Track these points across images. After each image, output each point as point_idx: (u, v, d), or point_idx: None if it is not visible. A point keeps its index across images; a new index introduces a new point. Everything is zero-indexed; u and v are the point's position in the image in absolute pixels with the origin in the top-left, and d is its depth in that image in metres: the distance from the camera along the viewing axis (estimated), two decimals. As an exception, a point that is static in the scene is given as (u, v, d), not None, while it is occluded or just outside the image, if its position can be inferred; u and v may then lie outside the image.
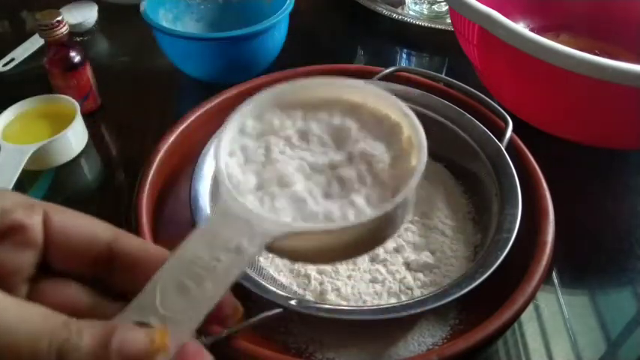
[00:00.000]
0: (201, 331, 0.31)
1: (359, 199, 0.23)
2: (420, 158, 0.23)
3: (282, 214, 0.23)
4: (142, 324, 0.20)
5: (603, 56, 0.42)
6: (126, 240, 0.23)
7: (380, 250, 0.41)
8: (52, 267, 0.22)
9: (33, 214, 0.21)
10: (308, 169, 0.25)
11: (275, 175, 0.24)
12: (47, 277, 0.22)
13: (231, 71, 0.59)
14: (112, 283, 0.23)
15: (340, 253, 0.24)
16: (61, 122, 0.52)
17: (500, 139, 0.44)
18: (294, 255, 0.24)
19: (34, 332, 0.18)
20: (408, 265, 0.41)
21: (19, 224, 0.20)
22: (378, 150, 0.25)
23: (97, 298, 0.23)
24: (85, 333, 0.18)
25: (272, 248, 0.23)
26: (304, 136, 0.26)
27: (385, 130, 0.26)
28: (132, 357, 0.18)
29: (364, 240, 0.24)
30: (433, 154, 0.49)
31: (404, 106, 0.25)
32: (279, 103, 0.26)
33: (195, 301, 0.20)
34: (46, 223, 0.21)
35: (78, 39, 0.71)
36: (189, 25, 0.66)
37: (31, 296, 0.21)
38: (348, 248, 0.24)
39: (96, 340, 0.18)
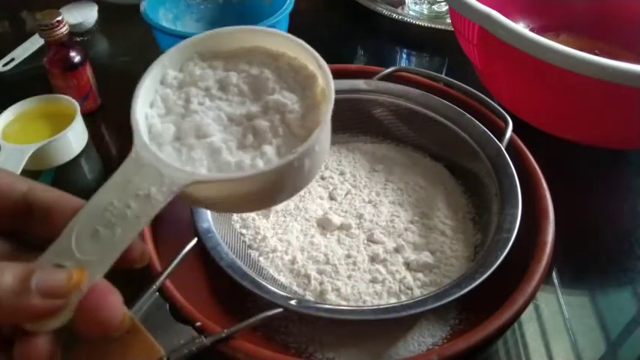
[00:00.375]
0: (200, 332, 0.31)
1: (269, 150, 0.24)
2: (327, 109, 0.24)
3: (199, 164, 0.23)
4: (60, 266, 0.21)
5: (603, 56, 0.42)
6: (40, 190, 0.23)
7: (380, 250, 0.41)
8: None
9: None
10: (225, 120, 0.25)
11: (193, 127, 0.24)
12: None
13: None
14: (32, 234, 0.23)
15: (252, 202, 0.25)
16: (61, 122, 0.52)
17: (500, 139, 0.44)
18: (210, 204, 0.25)
19: None
20: (408, 265, 0.41)
21: None
22: (291, 101, 0.25)
23: (17, 249, 0.23)
24: (7, 271, 0.19)
25: (186, 197, 0.24)
26: (224, 86, 0.26)
27: (300, 81, 0.26)
28: (50, 293, 0.20)
29: (274, 189, 0.24)
30: (433, 154, 0.50)
31: (320, 58, 0.25)
32: (201, 53, 0.27)
33: (106, 246, 0.21)
34: None
35: (78, 39, 0.71)
36: (189, 25, 0.66)
37: None
38: (259, 197, 0.25)
39: (16, 278, 0.19)
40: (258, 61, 0.27)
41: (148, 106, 0.25)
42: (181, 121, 0.25)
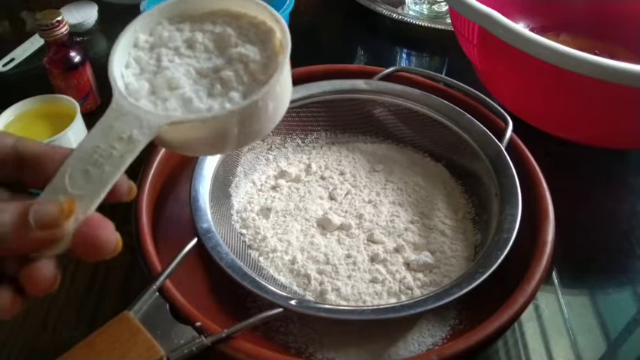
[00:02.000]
0: (200, 331, 0.31)
1: (236, 95, 0.27)
2: (284, 54, 0.27)
3: (173, 112, 0.26)
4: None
5: (603, 56, 0.42)
6: (28, 143, 0.25)
7: (380, 250, 0.41)
8: None
9: None
10: (194, 74, 0.28)
11: (165, 81, 0.27)
12: None
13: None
14: (23, 184, 0.26)
15: (224, 142, 0.28)
16: (61, 122, 0.52)
17: (500, 139, 0.44)
18: (185, 147, 0.28)
19: None
20: (408, 265, 0.41)
21: None
22: (252, 52, 0.28)
23: (13, 195, 0.26)
24: (7, 209, 0.22)
25: (163, 141, 0.26)
26: (190, 45, 0.29)
27: (260, 35, 0.29)
28: (46, 223, 0.22)
29: (243, 128, 0.27)
30: (433, 154, 0.50)
31: (277, 14, 0.28)
32: (169, 17, 0.30)
33: (96, 181, 0.24)
34: None
35: (78, 39, 0.71)
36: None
37: None
38: (229, 137, 0.27)
39: (15, 214, 0.22)
40: (221, 21, 0.29)
41: (123, 67, 0.28)
42: (154, 78, 0.27)
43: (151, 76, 0.28)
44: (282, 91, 0.27)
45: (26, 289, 0.23)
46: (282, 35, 0.28)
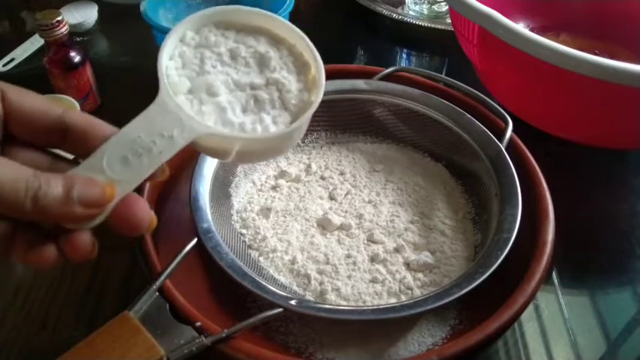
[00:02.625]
0: (200, 331, 0.31)
1: (267, 118, 0.29)
2: (317, 95, 0.30)
3: (207, 117, 0.28)
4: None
5: (603, 56, 0.42)
6: (74, 114, 0.27)
7: (380, 250, 0.41)
8: (14, 137, 0.26)
9: None
10: (232, 85, 0.30)
11: (205, 84, 0.29)
12: (11, 146, 0.26)
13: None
14: (66, 151, 0.27)
15: (251, 156, 0.33)
16: (61, 122, 0.52)
17: (500, 139, 0.44)
18: (212, 153, 0.30)
19: (14, 180, 0.22)
20: (408, 265, 0.41)
21: None
22: (289, 81, 0.30)
23: (53, 161, 0.27)
24: (52, 182, 0.23)
25: (197, 144, 0.28)
26: (233, 56, 0.30)
27: (297, 67, 0.31)
28: (89, 203, 0.24)
29: (268, 149, 0.31)
30: (433, 154, 0.50)
31: (315, 50, 0.31)
32: (216, 22, 0.31)
33: (134, 170, 0.26)
34: (3, 99, 0.25)
35: (78, 39, 0.71)
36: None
37: None
38: (255, 155, 0.32)
39: (61, 188, 0.23)
40: (264, 41, 0.31)
41: (168, 58, 0.29)
42: (195, 78, 0.29)
43: (193, 75, 0.29)
44: (306, 125, 0.30)
45: (67, 254, 0.25)
46: (317, 74, 0.30)
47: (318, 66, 0.30)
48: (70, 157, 0.28)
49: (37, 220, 0.24)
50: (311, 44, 0.31)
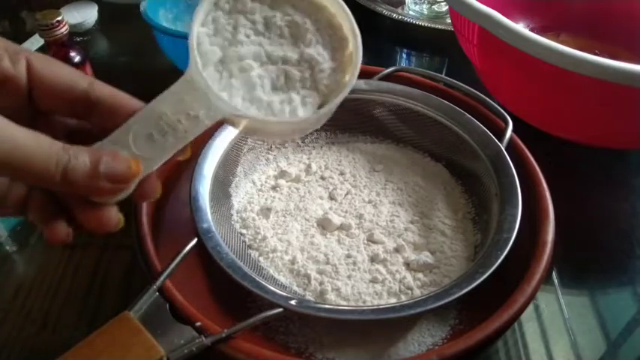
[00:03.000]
0: (200, 331, 0.31)
1: (296, 98, 0.28)
2: (352, 76, 0.28)
3: (235, 91, 0.27)
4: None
5: (603, 56, 0.42)
6: (100, 87, 0.26)
7: (380, 250, 0.41)
8: (39, 107, 0.26)
9: (17, 64, 0.25)
10: (264, 57, 0.28)
11: (236, 56, 0.28)
12: (37, 116, 0.27)
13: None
14: (91, 123, 0.28)
15: (279, 134, 0.34)
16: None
17: (500, 139, 0.44)
18: (240, 128, 0.29)
19: (45, 153, 0.23)
20: (408, 265, 0.41)
21: (6, 75, 0.24)
22: (323, 59, 0.29)
23: (76, 132, 0.28)
24: (80, 156, 0.24)
25: (224, 120, 0.27)
26: (268, 25, 0.29)
27: (334, 42, 0.29)
28: (115, 177, 0.24)
29: (295, 130, 0.31)
30: (433, 154, 0.50)
31: (355, 25, 0.29)
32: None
33: (158, 148, 0.26)
34: (29, 69, 0.25)
35: (78, 39, 0.71)
36: (189, 25, 0.66)
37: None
38: (280, 134, 0.33)
39: (88, 161, 0.24)
40: (302, 9, 0.29)
41: (200, 24, 0.28)
42: (227, 48, 0.28)
43: (225, 44, 0.28)
44: (335, 108, 0.29)
45: (91, 228, 0.26)
46: (355, 51, 0.29)
47: (356, 42, 0.29)
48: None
49: (63, 191, 0.25)
50: (352, 18, 0.29)
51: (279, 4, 0.29)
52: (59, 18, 0.52)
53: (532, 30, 0.60)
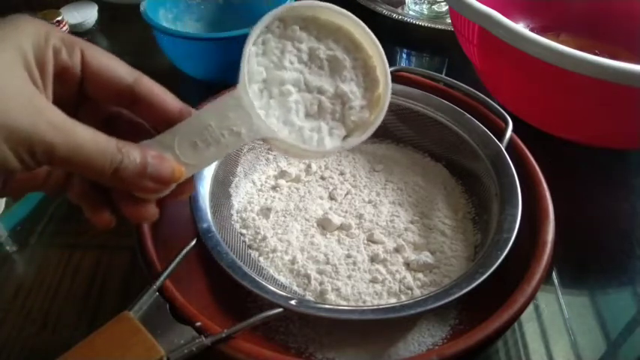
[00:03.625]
0: (200, 331, 0.31)
1: (325, 128, 0.32)
2: (378, 116, 0.32)
3: (271, 111, 0.30)
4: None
5: (603, 56, 0.42)
6: (145, 83, 0.28)
7: (380, 250, 0.41)
8: (87, 96, 0.28)
9: (73, 55, 0.26)
10: (303, 85, 0.31)
11: (279, 79, 0.31)
12: (84, 105, 0.28)
13: (231, 71, 0.59)
14: (133, 113, 0.30)
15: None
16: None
17: (500, 139, 0.44)
18: (275, 147, 0.31)
19: (102, 151, 0.24)
20: (408, 265, 0.41)
21: (63, 66, 0.26)
22: (355, 96, 0.32)
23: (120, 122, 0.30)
24: (132, 156, 0.26)
25: (263, 140, 0.30)
26: (312, 55, 0.32)
27: (367, 81, 0.33)
28: (159, 179, 0.27)
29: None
30: (433, 154, 0.50)
31: (388, 70, 0.32)
32: (303, 16, 0.32)
33: (200, 156, 0.28)
34: (83, 60, 0.27)
35: (78, 39, 0.71)
36: (189, 25, 0.66)
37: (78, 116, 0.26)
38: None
39: (138, 163, 0.26)
40: (343, 45, 0.32)
41: (252, 44, 0.30)
42: (272, 70, 0.31)
43: (270, 66, 0.31)
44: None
45: (130, 218, 0.28)
46: (384, 94, 0.32)
47: (387, 86, 0.32)
48: None
49: (111, 185, 0.27)
50: (386, 62, 0.32)
51: (324, 36, 0.32)
52: (59, 18, 0.53)
53: (532, 30, 0.60)
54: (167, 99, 0.29)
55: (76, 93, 0.27)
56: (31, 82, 0.24)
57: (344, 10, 0.31)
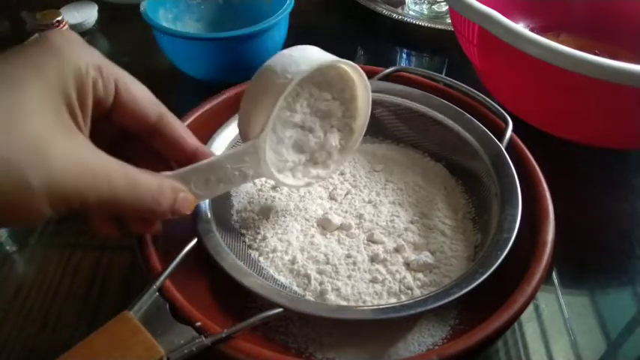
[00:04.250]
0: (200, 331, 0.31)
1: (313, 172, 0.42)
2: (343, 161, 0.43)
3: (268, 137, 0.35)
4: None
5: (603, 56, 0.42)
6: (168, 123, 0.31)
7: (380, 250, 0.41)
8: (111, 122, 0.29)
9: (108, 88, 0.27)
10: (299, 122, 0.38)
11: (287, 120, 0.37)
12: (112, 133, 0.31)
13: (231, 71, 0.59)
14: (151, 142, 0.32)
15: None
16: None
17: (500, 139, 0.44)
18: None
19: (154, 193, 0.27)
20: (408, 265, 0.41)
21: (98, 99, 0.26)
22: (333, 146, 0.41)
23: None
24: (165, 188, 0.29)
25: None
26: (311, 104, 0.38)
27: (346, 131, 0.42)
28: (179, 213, 0.31)
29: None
30: (433, 154, 0.50)
31: (364, 123, 0.42)
32: (315, 78, 0.38)
33: (210, 190, 0.34)
34: (116, 92, 0.27)
35: (78, 39, 0.71)
36: (189, 25, 0.66)
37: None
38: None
39: (170, 200, 0.30)
40: (339, 99, 0.40)
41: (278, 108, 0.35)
42: (284, 110, 0.37)
43: (283, 106, 0.36)
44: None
45: (137, 233, 0.33)
46: (353, 145, 0.42)
47: (357, 137, 0.42)
48: None
49: (135, 214, 0.30)
50: (366, 114, 0.41)
51: (325, 84, 0.39)
52: (59, 18, 0.53)
53: (532, 30, 0.60)
54: (186, 138, 0.31)
55: (100, 117, 0.28)
56: (72, 121, 0.24)
57: (349, 64, 0.38)
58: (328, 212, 0.44)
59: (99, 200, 0.23)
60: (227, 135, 0.44)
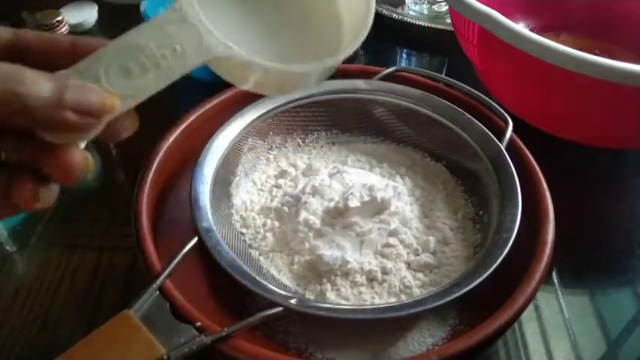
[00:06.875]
0: (201, 331, 0.31)
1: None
2: (354, 40, 0.25)
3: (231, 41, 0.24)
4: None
5: (603, 56, 0.42)
6: (28, 33, 0.23)
7: (380, 250, 0.41)
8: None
9: None
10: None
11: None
12: None
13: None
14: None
15: (268, 88, 0.28)
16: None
17: (500, 139, 0.44)
18: (230, 77, 0.25)
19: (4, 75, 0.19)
20: (408, 265, 0.41)
21: None
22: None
23: None
24: (41, 81, 0.20)
25: (212, 64, 0.24)
26: None
27: None
28: (85, 111, 0.21)
29: (287, 81, 0.26)
30: (433, 154, 0.50)
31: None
32: None
33: (136, 87, 0.22)
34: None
35: (78, 39, 0.71)
36: None
37: None
38: (274, 85, 0.27)
39: (51, 88, 0.20)
40: None
41: None
42: None
43: None
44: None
45: (56, 178, 0.22)
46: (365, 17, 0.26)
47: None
48: None
49: (21, 127, 0.21)
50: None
51: None
52: (59, 18, 0.53)
53: (532, 30, 0.60)
54: (57, 40, 0.23)
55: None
56: None
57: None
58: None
59: None
60: (227, 135, 0.44)
